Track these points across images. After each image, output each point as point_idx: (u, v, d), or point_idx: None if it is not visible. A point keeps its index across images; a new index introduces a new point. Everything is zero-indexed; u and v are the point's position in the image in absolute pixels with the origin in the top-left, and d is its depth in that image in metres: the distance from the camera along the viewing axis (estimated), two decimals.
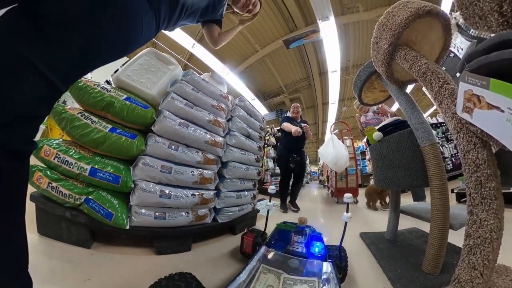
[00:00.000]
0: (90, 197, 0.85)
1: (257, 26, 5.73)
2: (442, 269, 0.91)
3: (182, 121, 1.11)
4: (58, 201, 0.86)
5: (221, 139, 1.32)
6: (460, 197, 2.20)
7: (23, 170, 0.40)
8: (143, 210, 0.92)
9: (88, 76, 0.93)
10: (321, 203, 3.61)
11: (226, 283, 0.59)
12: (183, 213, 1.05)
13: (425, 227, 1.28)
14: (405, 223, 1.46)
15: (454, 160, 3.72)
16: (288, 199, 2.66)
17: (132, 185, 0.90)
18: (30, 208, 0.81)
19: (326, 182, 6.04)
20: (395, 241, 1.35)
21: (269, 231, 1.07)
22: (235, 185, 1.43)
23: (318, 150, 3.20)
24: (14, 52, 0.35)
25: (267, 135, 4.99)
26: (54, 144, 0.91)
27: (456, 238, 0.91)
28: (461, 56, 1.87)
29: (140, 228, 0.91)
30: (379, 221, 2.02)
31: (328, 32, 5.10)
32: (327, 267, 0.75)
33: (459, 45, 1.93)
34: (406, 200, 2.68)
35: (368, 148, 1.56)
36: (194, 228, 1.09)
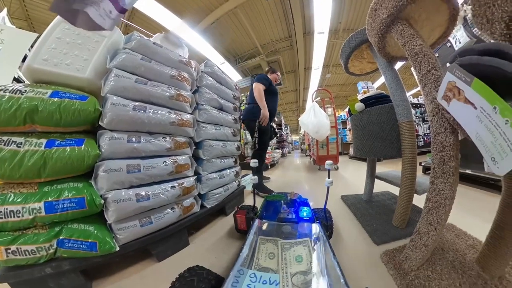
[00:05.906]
0: (61, 237, 0.71)
1: None
2: (407, 224, 1.10)
3: (137, 104, 0.91)
4: (29, 263, 0.68)
5: (189, 116, 1.17)
6: (426, 169, 2.56)
7: None
8: (125, 224, 0.84)
9: None
10: (304, 171, 3.71)
11: (233, 262, 0.62)
12: (169, 210, 1.01)
13: (396, 191, 1.50)
14: (379, 187, 1.66)
15: (425, 139, 4.29)
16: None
17: (102, 201, 0.78)
18: None
19: (308, 151, 6.21)
20: (371, 202, 1.53)
21: (258, 204, 1.13)
22: (215, 165, 1.39)
23: (299, 119, 3.13)
24: None
25: (242, 104, 4.45)
26: None
27: (419, 201, 1.07)
28: (456, 49, 1.84)
29: (130, 244, 0.85)
30: (357, 185, 2.25)
31: None
32: (315, 227, 0.83)
33: (459, 37, 1.89)
34: (381, 168, 2.96)
35: (349, 118, 1.65)
36: (185, 222, 1.08)
